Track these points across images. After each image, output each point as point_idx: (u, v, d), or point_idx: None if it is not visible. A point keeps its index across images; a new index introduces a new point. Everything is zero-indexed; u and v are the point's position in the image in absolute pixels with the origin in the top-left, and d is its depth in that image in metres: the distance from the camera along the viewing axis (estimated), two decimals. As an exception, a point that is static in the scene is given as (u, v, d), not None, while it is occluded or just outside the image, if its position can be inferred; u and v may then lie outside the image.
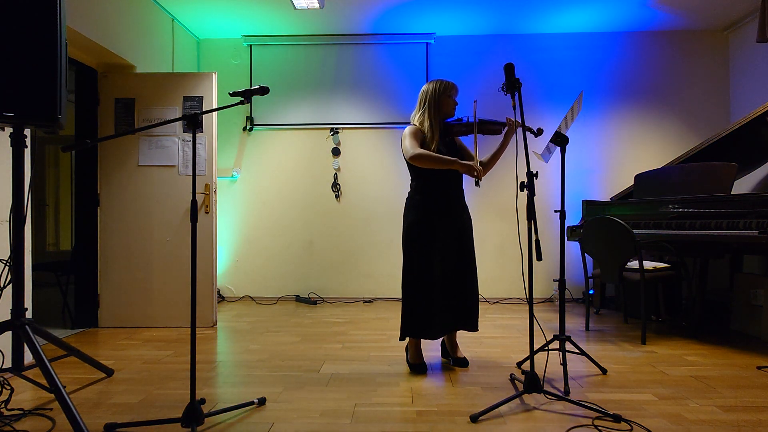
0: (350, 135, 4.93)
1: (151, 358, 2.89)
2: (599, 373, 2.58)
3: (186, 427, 1.81)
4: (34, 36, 1.97)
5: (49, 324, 3.78)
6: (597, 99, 4.84)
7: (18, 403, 2.15)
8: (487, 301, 4.75)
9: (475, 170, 2.38)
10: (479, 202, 4.82)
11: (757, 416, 2.02)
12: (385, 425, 1.94)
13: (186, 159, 3.73)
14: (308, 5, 4.17)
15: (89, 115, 3.74)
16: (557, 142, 2.38)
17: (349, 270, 4.91)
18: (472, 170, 2.39)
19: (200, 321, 3.70)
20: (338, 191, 4.93)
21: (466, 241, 2.65)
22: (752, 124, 3.36)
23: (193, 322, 1.85)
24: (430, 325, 2.55)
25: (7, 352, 2.41)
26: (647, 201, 3.61)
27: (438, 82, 2.64)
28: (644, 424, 1.92)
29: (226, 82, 4.83)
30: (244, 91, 2.00)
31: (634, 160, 4.79)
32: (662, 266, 3.39)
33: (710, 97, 4.79)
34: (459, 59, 4.87)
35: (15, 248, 2.08)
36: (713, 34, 4.78)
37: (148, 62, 4.02)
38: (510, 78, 2.21)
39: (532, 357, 2.14)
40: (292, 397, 2.25)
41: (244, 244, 4.95)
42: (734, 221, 2.99)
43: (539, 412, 2.06)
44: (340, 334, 3.48)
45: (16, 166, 2.08)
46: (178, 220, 3.70)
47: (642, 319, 3.20)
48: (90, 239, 3.71)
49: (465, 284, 2.63)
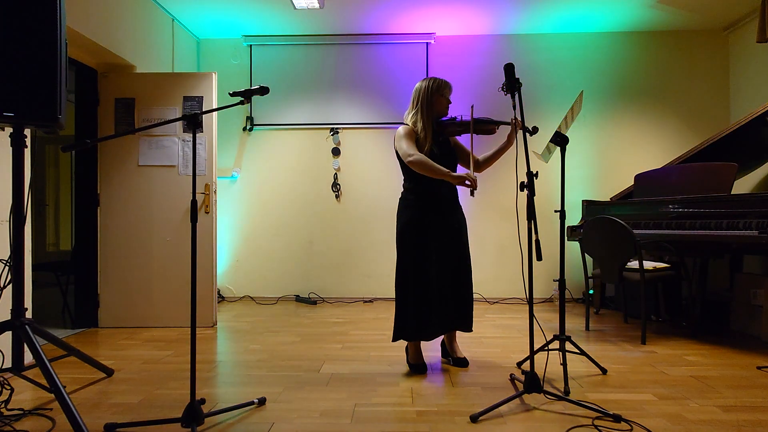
0: (350, 135, 4.93)
1: (151, 358, 2.89)
2: (599, 373, 2.58)
3: (186, 427, 1.81)
4: (34, 36, 1.96)
5: (49, 324, 3.78)
6: (597, 99, 4.84)
7: (18, 403, 2.15)
8: (487, 301, 4.75)
9: (468, 180, 2.35)
10: (479, 202, 4.82)
11: (757, 416, 2.02)
12: (385, 425, 1.94)
13: (186, 159, 3.73)
14: (308, 5, 4.17)
15: (89, 115, 3.74)
16: (557, 142, 2.38)
17: (349, 270, 4.91)
18: (464, 181, 2.37)
19: (200, 321, 3.70)
20: (338, 191, 4.93)
21: (461, 241, 2.64)
22: (752, 124, 3.36)
23: (193, 322, 1.85)
24: (425, 326, 2.54)
25: (7, 352, 2.41)
26: (647, 201, 3.61)
27: (431, 80, 2.62)
28: (644, 424, 1.92)
29: (226, 82, 4.83)
30: (244, 91, 2.00)
31: (634, 160, 4.79)
32: (662, 266, 3.39)
33: (710, 97, 4.79)
34: (459, 59, 4.87)
35: (15, 248, 2.08)
36: (713, 34, 4.78)
37: (148, 62, 4.02)
38: (510, 78, 2.21)
39: (532, 357, 2.14)
40: (292, 397, 2.25)
41: (244, 244, 4.95)
42: (734, 221, 2.99)
43: (539, 412, 2.06)
44: (340, 334, 3.48)
45: (16, 166, 2.08)
46: (178, 220, 3.70)
47: (642, 319, 3.20)
48: (90, 239, 3.71)
49: (460, 285, 2.63)
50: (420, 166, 2.46)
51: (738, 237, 2.92)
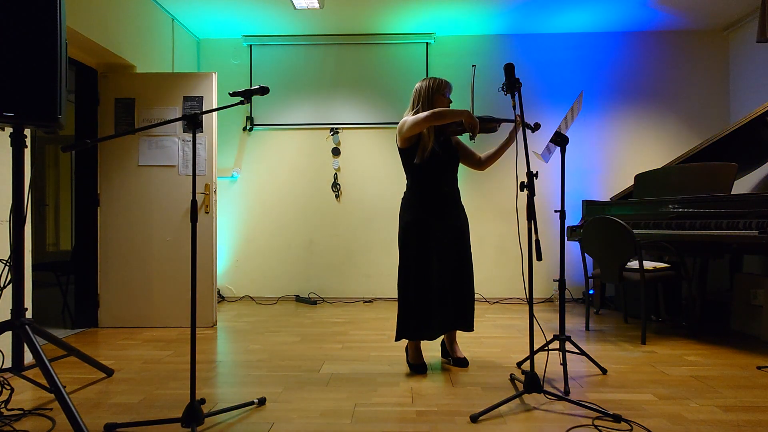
0: (350, 135, 4.93)
1: (151, 358, 2.89)
2: (599, 373, 2.58)
3: (186, 427, 1.81)
4: (34, 36, 1.96)
5: (49, 324, 3.78)
6: (597, 99, 4.84)
7: (18, 403, 2.15)
8: (487, 301, 4.75)
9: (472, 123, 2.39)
10: (479, 202, 4.82)
11: (757, 416, 2.02)
12: (385, 425, 1.94)
13: (186, 159, 3.73)
14: (308, 5, 4.17)
15: (89, 115, 3.74)
16: (557, 142, 2.38)
17: (349, 270, 4.91)
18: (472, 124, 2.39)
19: (200, 321, 3.70)
20: (338, 191, 4.93)
21: (463, 241, 2.65)
22: (752, 124, 3.36)
23: (193, 322, 1.85)
24: (428, 325, 2.54)
25: (7, 352, 2.41)
26: (647, 201, 3.61)
27: (431, 79, 2.62)
28: (644, 424, 1.92)
29: (226, 82, 4.82)
30: (244, 91, 2.00)
31: (634, 160, 4.79)
32: (662, 266, 3.39)
33: (710, 97, 4.79)
34: (459, 59, 4.87)
35: (15, 248, 2.08)
36: (713, 34, 4.78)
37: (148, 62, 4.02)
38: (510, 78, 2.21)
39: (532, 357, 2.14)
40: (292, 397, 2.25)
41: (244, 244, 4.95)
42: (734, 221, 2.99)
43: (539, 412, 2.06)
44: (340, 334, 3.48)
45: (16, 166, 2.08)
46: (178, 220, 3.70)
47: (642, 319, 3.20)
48: (90, 239, 3.71)
49: (462, 284, 2.63)
50: (436, 115, 2.41)
51: (738, 237, 2.92)
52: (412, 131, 2.49)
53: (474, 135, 2.40)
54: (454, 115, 2.42)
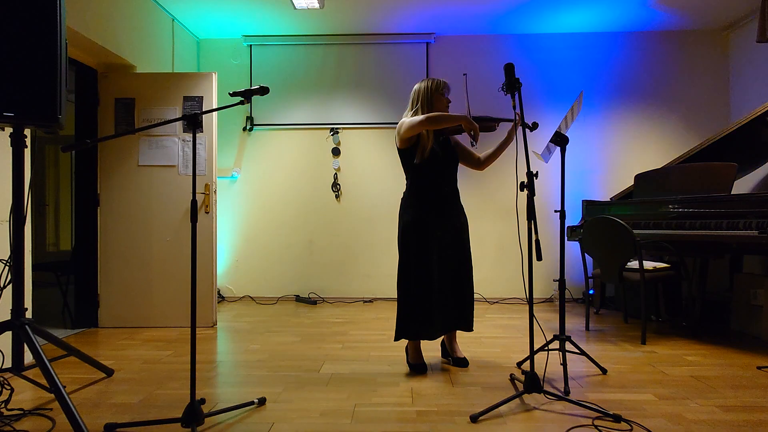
0: (350, 135, 4.93)
1: (151, 358, 2.89)
2: (599, 373, 2.58)
3: (186, 427, 1.81)
4: (34, 36, 1.97)
5: (49, 324, 3.78)
6: (597, 99, 4.84)
7: (18, 403, 2.15)
8: (487, 301, 4.75)
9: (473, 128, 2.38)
10: (479, 202, 4.82)
11: (757, 416, 2.02)
12: (385, 425, 1.94)
13: (186, 159, 3.73)
14: (308, 5, 4.17)
15: (89, 115, 3.74)
16: (557, 142, 2.38)
17: (349, 270, 4.91)
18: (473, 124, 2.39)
19: (200, 321, 3.70)
20: (338, 191, 4.93)
21: (463, 241, 2.65)
22: (752, 124, 3.35)
23: (193, 322, 1.85)
24: (428, 325, 2.54)
25: (7, 352, 2.41)
26: (647, 201, 3.61)
27: (430, 80, 2.62)
28: (644, 424, 1.92)
29: (226, 82, 4.82)
30: (244, 91, 2.00)
31: (634, 160, 4.79)
32: (662, 266, 3.39)
33: (710, 97, 4.79)
34: (459, 59, 4.87)
35: (15, 248, 2.08)
36: (713, 33, 4.78)
37: (148, 62, 4.02)
38: (510, 78, 2.21)
39: (532, 357, 2.14)
40: (292, 397, 2.25)
41: (244, 244, 4.95)
42: (734, 221, 2.99)
43: (539, 412, 2.06)
44: (340, 334, 3.48)
45: (16, 166, 2.08)
46: (178, 220, 3.70)
47: (642, 319, 3.20)
48: (90, 239, 3.71)
49: (461, 284, 2.63)
50: (435, 119, 2.42)
51: (738, 237, 2.92)
52: (410, 133, 2.49)
53: (476, 140, 2.39)
54: (452, 120, 2.42)
